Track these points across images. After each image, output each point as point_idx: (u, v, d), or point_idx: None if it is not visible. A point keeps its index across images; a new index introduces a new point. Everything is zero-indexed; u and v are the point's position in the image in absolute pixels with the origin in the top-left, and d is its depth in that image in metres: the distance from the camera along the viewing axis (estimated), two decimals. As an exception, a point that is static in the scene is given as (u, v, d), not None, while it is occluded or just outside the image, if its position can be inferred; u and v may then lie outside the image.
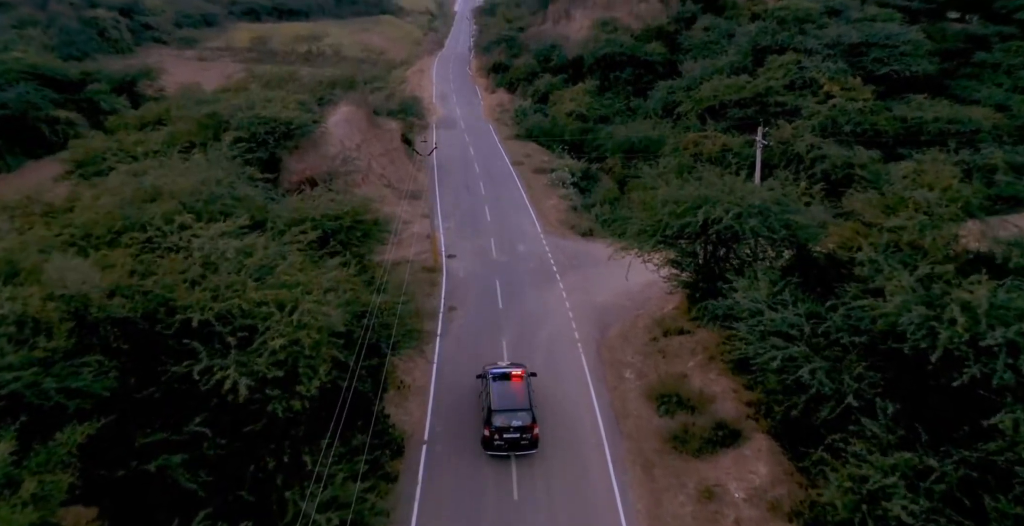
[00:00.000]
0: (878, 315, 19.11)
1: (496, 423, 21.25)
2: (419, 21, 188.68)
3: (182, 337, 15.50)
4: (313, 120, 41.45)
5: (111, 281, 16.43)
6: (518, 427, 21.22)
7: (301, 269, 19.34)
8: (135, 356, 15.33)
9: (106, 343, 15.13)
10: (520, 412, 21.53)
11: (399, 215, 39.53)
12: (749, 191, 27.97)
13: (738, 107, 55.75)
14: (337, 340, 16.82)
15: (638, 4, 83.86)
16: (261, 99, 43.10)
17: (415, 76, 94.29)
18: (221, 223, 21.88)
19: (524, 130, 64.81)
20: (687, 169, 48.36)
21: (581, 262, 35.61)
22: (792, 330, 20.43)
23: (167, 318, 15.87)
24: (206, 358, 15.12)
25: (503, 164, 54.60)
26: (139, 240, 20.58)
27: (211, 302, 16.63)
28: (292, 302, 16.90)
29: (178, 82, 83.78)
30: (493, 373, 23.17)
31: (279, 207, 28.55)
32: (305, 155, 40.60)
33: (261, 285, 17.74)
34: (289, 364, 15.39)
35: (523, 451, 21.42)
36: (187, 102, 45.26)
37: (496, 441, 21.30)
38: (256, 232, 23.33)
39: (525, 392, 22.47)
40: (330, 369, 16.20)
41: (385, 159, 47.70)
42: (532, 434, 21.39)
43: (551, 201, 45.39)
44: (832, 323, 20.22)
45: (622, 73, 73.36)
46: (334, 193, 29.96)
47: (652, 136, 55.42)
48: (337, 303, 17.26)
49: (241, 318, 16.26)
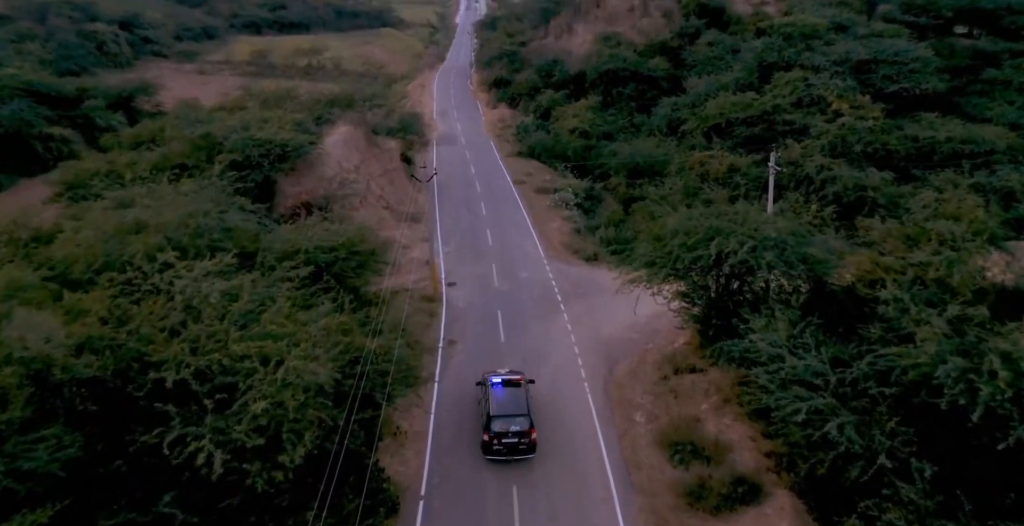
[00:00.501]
0: (909, 365, 17.76)
1: (495, 428, 21.89)
2: (420, 34, 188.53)
3: (155, 399, 14.15)
4: (310, 141, 40.27)
5: (81, 333, 15.09)
6: (516, 432, 21.86)
7: (289, 315, 17.99)
8: (102, 421, 13.98)
9: (71, 406, 13.79)
10: (518, 417, 22.18)
11: (398, 240, 38.32)
12: (763, 221, 26.67)
13: (745, 125, 54.61)
14: (326, 401, 15.44)
15: (641, 19, 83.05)
16: (257, 119, 41.98)
17: (416, 91, 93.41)
18: (207, 261, 20.57)
19: (526, 147, 63.69)
20: (693, 191, 47.31)
21: (586, 290, 34.26)
22: (816, 379, 19.05)
23: (140, 377, 14.53)
24: (179, 425, 13.76)
25: (505, 183, 53.40)
26: (117, 282, 19.26)
27: (189, 356, 15.28)
28: (277, 356, 15.55)
29: (176, 97, 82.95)
30: (492, 380, 23.83)
31: (271, 237, 27.30)
32: (301, 178, 39.38)
33: (245, 335, 16.39)
34: (271, 429, 14.04)
35: (521, 456, 21.94)
36: (181, 121, 44.10)
37: (495, 446, 21.90)
38: (244, 270, 22.07)
39: (523, 398, 23.16)
40: (317, 434, 14.82)
41: (384, 179, 46.49)
42: (530, 439, 22.01)
43: (554, 223, 44.11)
44: (859, 371, 18.85)
45: (625, 89, 72.33)
46: (328, 222, 28.68)
47: (657, 155, 54.23)
48: (328, 358, 15.90)
49: (221, 375, 14.91)
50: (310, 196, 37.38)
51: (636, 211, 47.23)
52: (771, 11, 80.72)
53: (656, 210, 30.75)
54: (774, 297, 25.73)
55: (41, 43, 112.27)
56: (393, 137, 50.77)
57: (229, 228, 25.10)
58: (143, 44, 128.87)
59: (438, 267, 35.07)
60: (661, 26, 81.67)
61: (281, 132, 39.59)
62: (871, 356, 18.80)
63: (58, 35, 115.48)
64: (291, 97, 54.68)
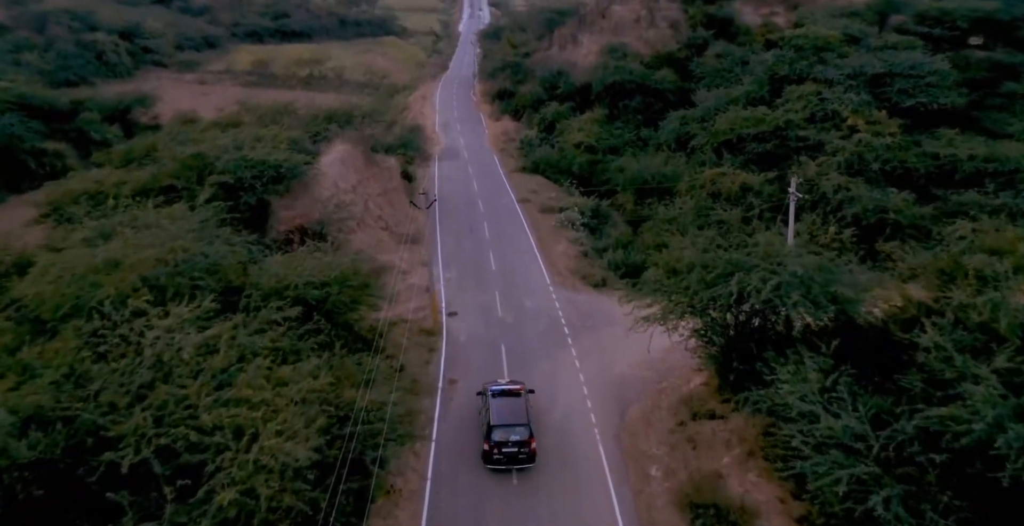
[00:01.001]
0: (961, 432, 15.88)
1: (495, 438, 22.34)
2: (423, 42, 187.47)
3: (108, 485, 12.36)
4: (305, 162, 38.57)
5: (31, 403, 13.28)
6: (516, 441, 22.27)
7: (270, 374, 16.17)
8: (49, 509, 12.17)
9: (11, 493, 11.99)
10: (518, 427, 22.61)
11: (396, 265, 36.56)
12: (787, 254, 24.80)
13: (757, 141, 52.78)
14: (304, 486, 13.59)
15: (647, 30, 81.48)
16: (250, 138, 40.32)
17: (417, 103, 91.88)
18: (184, 307, 18.78)
19: (530, 162, 61.99)
20: (705, 211, 45.48)
21: (595, 321, 32.40)
22: (856, 443, 17.16)
23: (92, 458, 12.72)
24: (132, 519, 11.93)
25: (508, 201, 51.64)
26: (84, 332, 17.47)
27: (152, 429, 13.47)
28: (252, 428, 13.73)
29: (174, 109, 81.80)
30: (493, 390, 24.33)
31: (260, 270, 25.55)
32: (296, 200, 37.66)
33: (219, 400, 14.58)
34: (241, 523, 12.21)
35: (521, 465, 22.36)
36: (173, 140, 42.51)
37: (495, 455, 22.29)
38: (226, 314, 20.28)
39: (523, 408, 23.59)
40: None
41: (383, 199, 44.76)
42: (530, 448, 22.41)
43: (560, 246, 42.29)
44: (903, 434, 16.96)
45: (631, 102, 70.65)
46: (321, 253, 26.89)
47: (666, 172, 52.42)
48: (308, 432, 14.06)
49: (187, 452, 13.10)
50: (305, 220, 35.62)
51: (645, 231, 45.44)
52: (780, 22, 79.10)
53: (669, 239, 28.78)
54: (797, 336, 23.89)
55: (40, 53, 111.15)
56: (393, 154, 49.06)
57: (214, 264, 23.30)
58: (143, 54, 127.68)
59: (438, 296, 33.26)
60: (668, 37, 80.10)
61: (275, 152, 37.91)
62: (918, 417, 16.91)
63: (57, 45, 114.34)
64: (288, 112, 53.08)
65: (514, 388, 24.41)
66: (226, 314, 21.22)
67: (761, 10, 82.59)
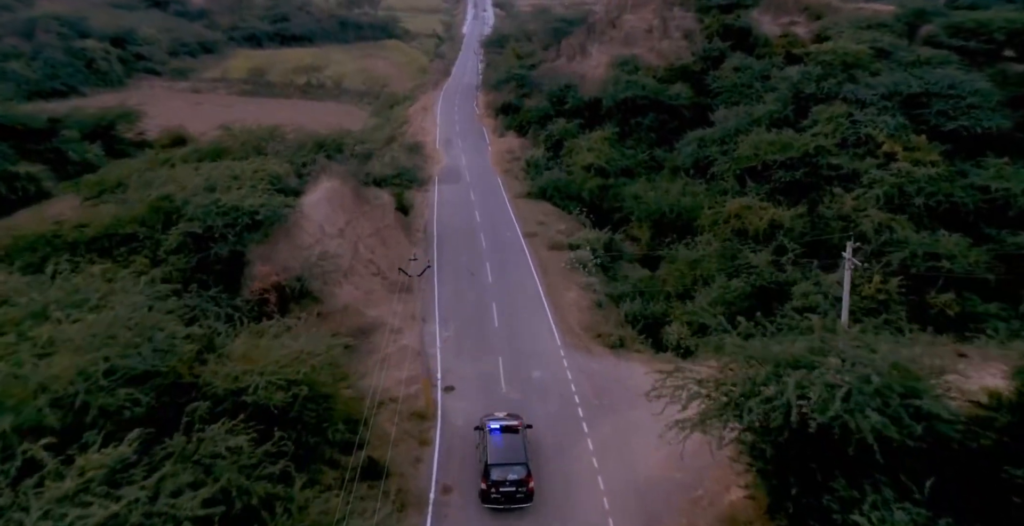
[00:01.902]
0: None
1: (493, 477, 22.07)
2: (425, 45, 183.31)
3: None
4: (285, 205, 34.32)
5: None
6: (514, 481, 22.00)
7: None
8: None
9: None
10: (516, 466, 22.31)
11: (389, 322, 32.37)
12: (855, 346, 20.46)
13: (784, 168, 48.30)
14: None
15: (660, 41, 77.07)
16: (226, 176, 36.16)
17: (418, 115, 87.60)
18: (95, 453, 14.56)
19: (537, 187, 57.67)
20: (731, 253, 41.11)
21: (614, 398, 28.13)
22: None
23: None
24: None
25: (513, 236, 47.33)
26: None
27: None
28: None
29: (162, 125, 77.85)
30: (491, 426, 23.82)
31: (217, 361, 21.35)
32: (275, 248, 33.45)
33: None
34: None
35: (519, 504, 22.09)
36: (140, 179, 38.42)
37: (493, 494, 22.02)
38: (159, 447, 16.07)
39: (521, 445, 23.16)
40: None
41: (375, 240, 40.51)
42: (527, 487, 22.15)
43: (571, 294, 37.99)
44: None
45: (644, 119, 66.37)
46: (292, 337, 22.65)
47: (685, 203, 48.01)
48: None
49: None
50: (283, 275, 31.40)
51: (665, 274, 41.06)
52: (800, 32, 74.64)
53: (706, 317, 24.53)
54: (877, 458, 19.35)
55: (26, 61, 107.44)
56: (388, 186, 44.76)
57: (153, 366, 19.07)
58: (136, 61, 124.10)
59: (432, 376, 29.05)
60: (682, 49, 75.66)
61: (252, 195, 33.74)
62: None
63: (46, 52, 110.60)
64: (275, 137, 48.86)
65: (512, 424, 23.96)
66: (162, 440, 17.08)
67: (780, 20, 78.07)
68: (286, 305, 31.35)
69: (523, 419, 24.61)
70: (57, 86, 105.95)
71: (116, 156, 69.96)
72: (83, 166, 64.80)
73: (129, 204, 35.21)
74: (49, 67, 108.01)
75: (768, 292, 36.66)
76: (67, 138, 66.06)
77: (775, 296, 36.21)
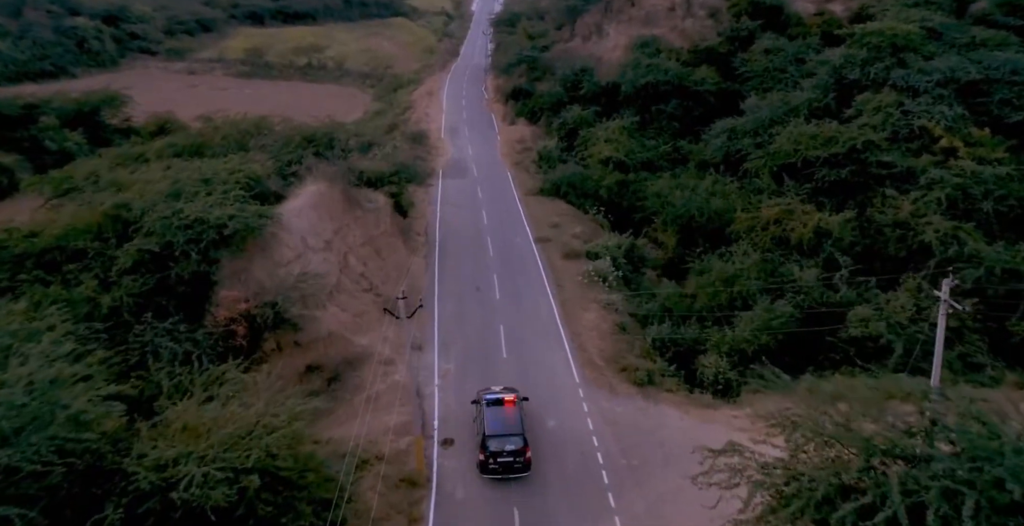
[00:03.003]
0: None
1: (490, 448, 22.43)
2: (434, 23, 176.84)
3: None
4: (261, 215, 29.57)
5: None
6: (511, 451, 22.37)
7: None
8: None
9: None
10: (513, 437, 22.66)
11: (378, 351, 27.86)
12: (967, 435, 15.68)
13: (827, 166, 43.05)
14: None
15: (683, 20, 71.24)
16: (196, 178, 31.45)
17: (422, 100, 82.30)
18: None
19: (550, 184, 52.60)
20: (772, 267, 36.18)
21: (644, 455, 23.54)
22: None
23: None
24: None
25: (524, 241, 42.52)
26: None
27: None
28: None
29: (150, 110, 73.04)
30: (487, 399, 24.17)
31: (150, 435, 16.89)
32: (248, 267, 28.81)
33: None
34: None
35: (517, 474, 22.37)
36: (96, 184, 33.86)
37: (491, 465, 22.36)
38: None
39: (517, 417, 23.52)
40: None
41: (368, 249, 35.81)
42: (524, 457, 22.45)
43: (590, 314, 33.25)
44: None
45: (666, 106, 60.95)
46: (245, 408, 18.03)
47: (716, 205, 42.90)
48: None
49: None
50: (255, 300, 26.77)
51: (697, 289, 36.13)
52: (837, 10, 68.67)
53: (764, 380, 19.83)
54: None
55: (13, 41, 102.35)
56: (384, 186, 39.85)
57: (45, 458, 14.51)
58: (130, 40, 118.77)
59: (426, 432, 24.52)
60: (707, 28, 69.81)
61: (223, 203, 29.02)
62: None
63: (34, 31, 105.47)
64: (261, 130, 44.05)
65: (508, 397, 24.33)
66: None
67: (815, -4, 71.99)
68: (258, 336, 26.82)
69: (519, 392, 25.13)
70: (46, 67, 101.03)
71: (100, 144, 65.47)
72: (62, 156, 60.33)
73: (85, 210, 30.56)
74: (38, 47, 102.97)
75: (818, 315, 31.83)
76: (45, 125, 61.49)
77: (827, 320, 31.41)
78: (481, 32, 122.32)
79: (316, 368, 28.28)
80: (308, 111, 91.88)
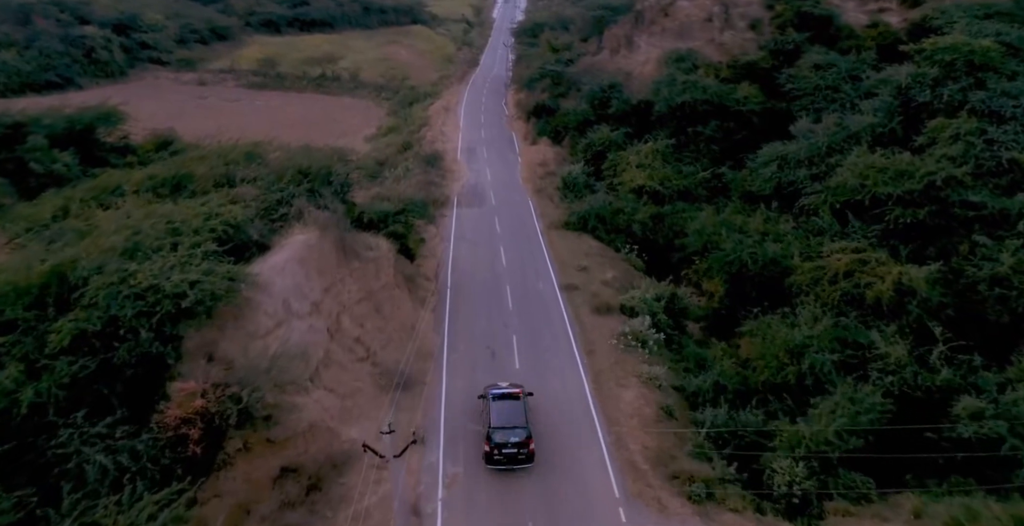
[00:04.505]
0: None
1: (495, 439, 23.38)
2: (453, 31, 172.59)
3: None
4: (231, 278, 24.32)
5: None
6: (515, 443, 23.24)
7: None
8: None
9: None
10: (517, 429, 23.61)
11: (369, 452, 22.32)
12: None
13: (901, 205, 37.17)
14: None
15: (721, 32, 65.44)
16: (159, 230, 26.36)
17: (438, 115, 77.22)
18: None
19: (576, 217, 47.07)
20: (849, 334, 30.29)
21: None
22: None
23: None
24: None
25: (548, 289, 37.09)
26: None
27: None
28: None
29: (155, 125, 68.93)
30: (493, 393, 25.32)
31: None
32: (216, 340, 23.59)
33: None
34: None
35: (521, 465, 23.23)
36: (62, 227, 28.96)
37: (496, 456, 23.28)
38: None
39: (522, 410, 24.51)
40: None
41: (366, 306, 30.48)
42: (528, 449, 23.34)
43: (628, 393, 27.63)
44: None
45: (705, 127, 55.17)
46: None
47: (772, 251, 37.03)
48: None
49: None
50: (215, 395, 21.42)
51: (755, 360, 30.28)
52: (893, 21, 62.57)
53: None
54: None
55: (19, 51, 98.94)
56: (389, 227, 34.51)
57: None
58: (140, 50, 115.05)
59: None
60: (748, 41, 64.03)
61: (186, 265, 23.86)
62: None
63: (41, 40, 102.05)
64: (253, 161, 39.01)
65: (513, 391, 25.23)
66: None
67: (867, 6, 65.99)
68: (219, 438, 21.50)
69: (524, 387, 25.85)
70: (51, 78, 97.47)
71: (95, 164, 61.12)
72: (50, 179, 55.93)
73: (22, 268, 25.37)
74: (44, 57, 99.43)
75: (911, 400, 25.96)
76: (32, 146, 57.09)
77: (923, 409, 25.54)
78: (502, 43, 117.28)
79: (293, 471, 22.95)
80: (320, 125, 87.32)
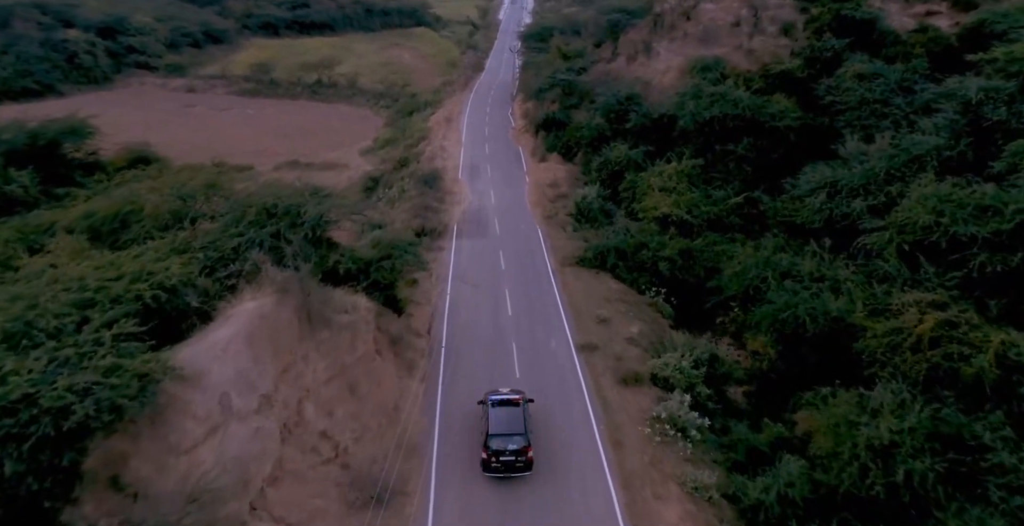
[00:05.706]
0: None
1: (493, 446, 22.70)
2: (458, 33, 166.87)
3: None
4: (142, 377, 18.20)
5: None
6: (513, 450, 22.59)
7: None
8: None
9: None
10: (515, 436, 22.93)
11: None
12: None
13: (989, 249, 30.82)
14: None
15: (750, 37, 59.23)
16: (62, 302, 20.30)
17: (439, 127, 71.14)
18: None
19: (593, 252, 40.88)
20: (951, 425, 24.04)
21: None
22: None
23: None
24: None
25: (561, 349, 30.94)
26: None
27: None
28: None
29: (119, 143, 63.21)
30: (493, 399, 24.51)
31: None
32: (124, 459, 17.49)
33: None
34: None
35: (518, 473, 22.56)
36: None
37: (493, 463, 22.61)
38: None
39: (521, 417, 23.75)
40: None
41: (337, 386, 24.32)
42: (526, 457, 22.68)
43: (670, 513, 21.40)
44: None
45: (736, 146, 48.92)
46: None
47: (834, 308, 30.69)
48: None
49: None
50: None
51: (834, 464, 23.84)
52: (943, 25, 56.18)
53: None
54: None
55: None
56: (367, 283, 28.40)
57: None
58: (127, 54, 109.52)
59: None
60: (780, 48, 57.79)
61: (84, 360, 17.80)
62: None
63: (21, 44, 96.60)
64: (216, 189, 33.06)
65: (513, 398, 24.61)
66: None
67: (913, 8, 59.61)
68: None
69: (524, 394, 25.05)
70: (29, 85, 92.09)
71: (58, 182, 55.58)
72: (4, 201, 50.35)
73: None
74: (22, 62, 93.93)
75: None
76: (-15, 166, 51.41)
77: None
78: (508, 48, 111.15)
79: None
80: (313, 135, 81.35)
